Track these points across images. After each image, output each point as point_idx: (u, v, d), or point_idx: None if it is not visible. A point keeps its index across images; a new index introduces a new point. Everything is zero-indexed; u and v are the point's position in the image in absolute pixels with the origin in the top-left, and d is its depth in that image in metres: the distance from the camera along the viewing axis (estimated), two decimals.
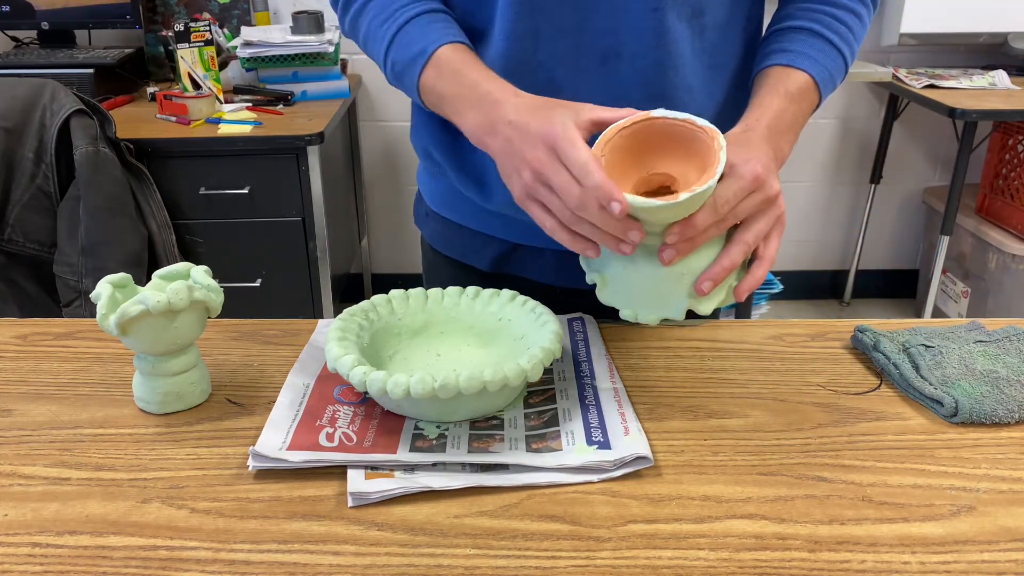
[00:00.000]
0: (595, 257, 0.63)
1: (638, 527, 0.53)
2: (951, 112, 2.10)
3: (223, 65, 2.20)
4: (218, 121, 1.96)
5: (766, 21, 0.82)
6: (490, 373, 0.60)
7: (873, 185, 2.67)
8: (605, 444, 0.60)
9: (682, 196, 0.56)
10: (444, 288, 0.76)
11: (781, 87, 0.72)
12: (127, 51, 2.25)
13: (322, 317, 1.27)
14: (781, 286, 2.09)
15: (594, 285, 0.69)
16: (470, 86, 0.69)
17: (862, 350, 0.75)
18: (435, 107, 0.73)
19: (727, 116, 0.77)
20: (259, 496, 0.56)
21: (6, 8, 2.23)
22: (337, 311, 2.17)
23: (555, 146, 0.60)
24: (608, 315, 1.10)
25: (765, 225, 0.63)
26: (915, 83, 2.31)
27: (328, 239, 2.00)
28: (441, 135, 0.83)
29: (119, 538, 0.52)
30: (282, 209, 1.96)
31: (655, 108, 0.61)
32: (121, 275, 0.66)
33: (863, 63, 2.44)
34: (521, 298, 0.73)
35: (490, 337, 0.73)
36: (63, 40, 2.35)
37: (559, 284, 0.88)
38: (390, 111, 2.58)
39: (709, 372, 0.73)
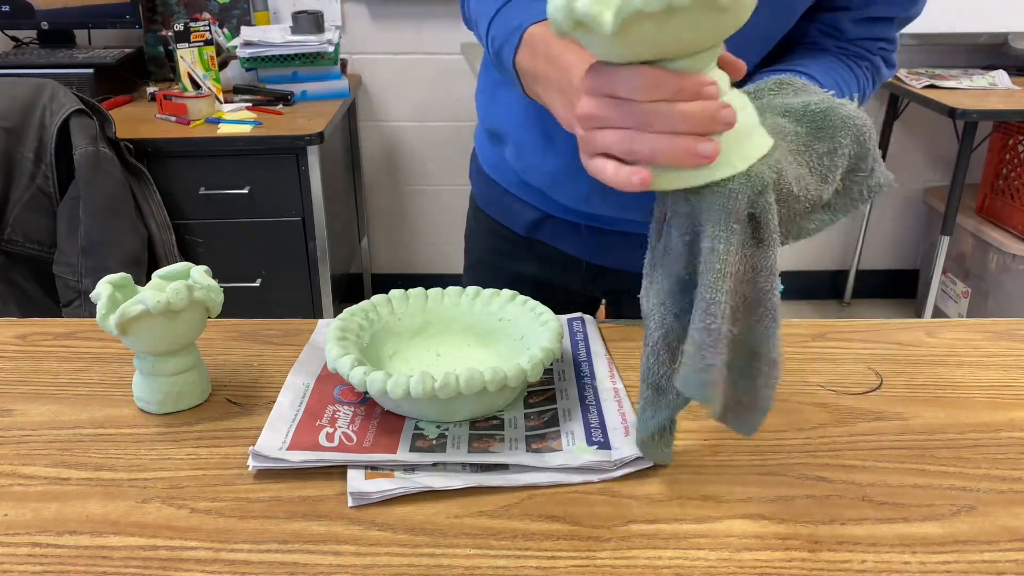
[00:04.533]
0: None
1: (638, 527, 0.53)
2: (951, 112, 2.10)
3: (223, 65, 2.20)
4: (218, 121, 1.96)
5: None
6: (490, 373, 0.60)
7: None
8: (605, 444, 0.60)
9: None
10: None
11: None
12: (127, 51, 2.25)
13: (322, 317, 1.27)
14: (783, 286, 2.09)
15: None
16: (561, 70, 0.60)
17: None
18: (529, 87, 0.68)
19: None
20: (259, 496, 0.56)
21: (6, 8, 2.22)
22: (337, 311, 2.17)
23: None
24: (609, 314, 1.11)
25: None
26: (915, 83, 2.31)
27: (328, 239, 2.00)
28: (505, 111, 0.87)
29: (119, 538, 0.52)
30: (282, 209, 1.96)
31: None
32: (121, 275, 0.66)
33: None
34: (521, 298, 0.73)
35: (490, 337, 0.73)
36: (63, 40, 2.35)
37: (588, 259, 0.94)
38: (390, 111, 2.58)
39: None
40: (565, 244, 0.94)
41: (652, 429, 0.56)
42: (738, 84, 0.87)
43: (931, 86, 2.29)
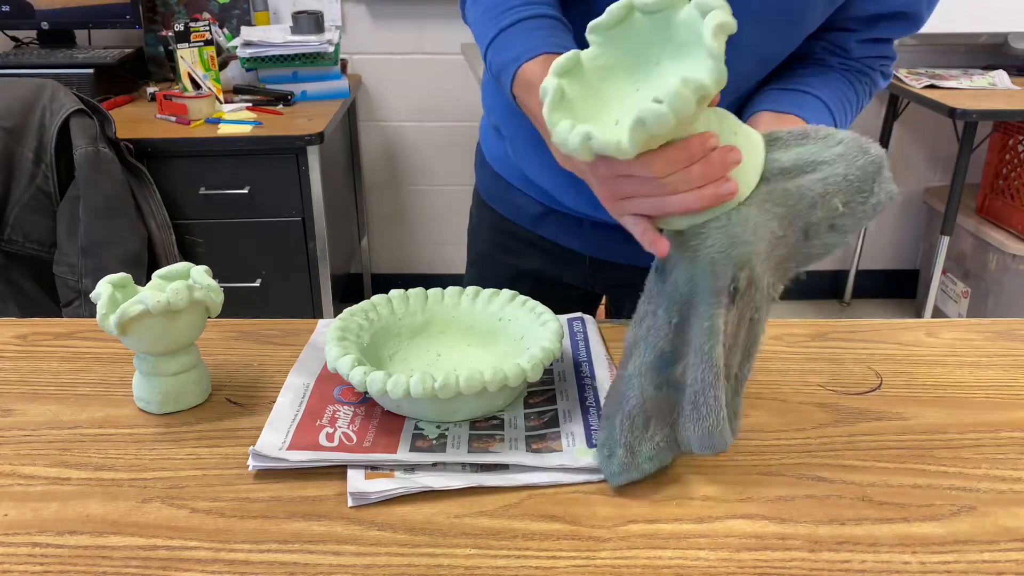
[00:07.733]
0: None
1: (638, 527, 0.53)
2: (951, 112, 2.10)
3: (223, 65, 2.20)
4: (218, 121, 1.96)
5: None
6: (490, 373, 0.60)
7: None
8: None
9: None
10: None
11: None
12: (127, 51, 2.25)
13: (322, 317, 1.27)
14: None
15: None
16: None
17: None
18: (528, 114, 0.71)
19: None
20: (259, 496, 0.56)
21: (6, 8, 2.22)
22: (337, 311, 2.17)
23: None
24: (609, 313, 1.11)
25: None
26: (915, 83, 2.30)
27: (328, 239, 2.00)
28: (504, 110, 0.89)
29: (119, 538, 0.52)
30: (282, 209, 1.96)
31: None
32: (121, 275, 0.66)
33: None
34: (521, 298, 0.73)
35: (490, 337, 0.73)
36: (63, 40, 2.35)
37: (592, 254, 0.94)
38: (390, 111, 2.58)
39: None
40: (569, 239, 0.94)
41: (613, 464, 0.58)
42: (743, 106, 0.89)
43: (931, 86, 2.29)
